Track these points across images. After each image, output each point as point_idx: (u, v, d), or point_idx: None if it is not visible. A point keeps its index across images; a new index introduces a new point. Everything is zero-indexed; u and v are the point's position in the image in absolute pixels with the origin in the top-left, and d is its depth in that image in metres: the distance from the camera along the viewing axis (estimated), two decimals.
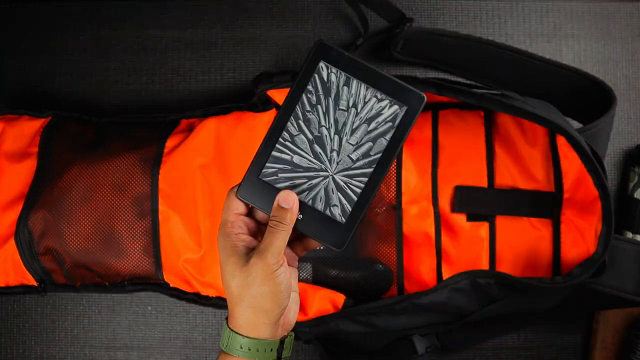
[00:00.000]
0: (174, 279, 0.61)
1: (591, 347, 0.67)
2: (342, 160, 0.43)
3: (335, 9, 0.72)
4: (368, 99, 0.42)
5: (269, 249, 0.41)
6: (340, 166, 0.43)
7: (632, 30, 0.71)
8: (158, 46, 0.72)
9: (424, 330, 0.63)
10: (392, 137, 0.42)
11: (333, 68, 0.42)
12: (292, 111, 0.43)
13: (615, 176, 0.70)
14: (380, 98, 0.42)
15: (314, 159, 0.43)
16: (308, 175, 0.43)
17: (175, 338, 0.69)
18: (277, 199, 0.42)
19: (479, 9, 0.72)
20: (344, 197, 0.43)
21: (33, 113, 0.65)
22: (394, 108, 0.42)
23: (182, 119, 0.65)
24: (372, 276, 0.60)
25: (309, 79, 0.43)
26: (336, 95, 0.42)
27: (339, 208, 0.43)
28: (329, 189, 0.43)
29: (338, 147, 0.43)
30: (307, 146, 0.43)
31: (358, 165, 0.42)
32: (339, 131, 0.42)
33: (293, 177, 0.43)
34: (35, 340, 0.70)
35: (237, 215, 0.44)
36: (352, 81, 0.42)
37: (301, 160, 0.43)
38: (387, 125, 0.42)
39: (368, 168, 0.42)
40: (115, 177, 0.60)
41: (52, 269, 0.61)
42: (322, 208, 0.43)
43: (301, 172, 0.43)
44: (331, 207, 0.43)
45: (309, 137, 0.43)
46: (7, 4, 0.73)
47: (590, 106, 0.63)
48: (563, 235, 0.59)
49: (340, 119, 0.42)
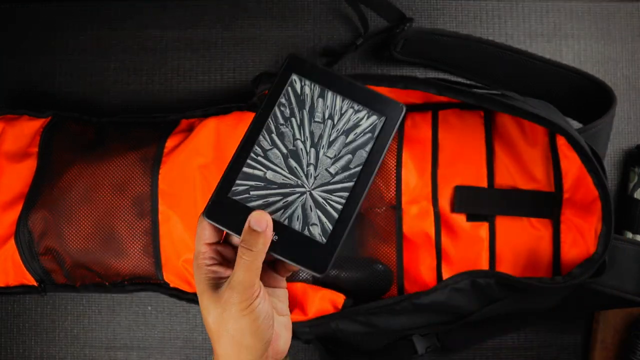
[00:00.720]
0: (174, 279, 0.61)
1: (591, 347, 0.67)
2: (320, 174, 0.40)
3: (335, 9, 0.72)
4: (345, 110, 0.41)
5: (240, 282, 0.37)
6: (318, 181, 0.40)
7: (632, 30, 0.71)
8: (158, 46, 0.72)
9: (424, 330, 0.63)
10: (372, 149, 0.40)
11: (306, 80, 0.41)
12: (264, 125, 0.40)
13: (615, 176, 0.70)
14: (358, 109, 0.41)
15: (290, 174, 0.40)
16: (283, 192, 0.40)
17: (175, 338, 0.70)
18: (248, 221, 0.38)
19: (479, 9, 0.72)
20: (324, 214, 0.39)
21: (33, 113, 0.65)
22: (373, 119, 0.41)
23: (182, 119, 0.65)
24: (372, 276, 0.60)
25: (282, 92, 0.41)
26: (311, 108, 0.41)
27: (319, 227, 0.39)
28: (306, 207, 0.40)
29: (315, 160, 0.40)
30: (282, 161, 0.40)
31: (337, 179, 0.40)
32: (315, 144, 0.40)
33: (267, 194, 0.40)
34: (35, 340, 0.70)
35: (208, 246, 0.40)
36: (327, 93, 0.41)
37: (275, 176, 0.40)
38: (366, 137, 0.40)
39: (348, 182, 0.40)
40: (115, 177, 0.60)
41: (52, 269, 0.61)
42: (300, 228, 0.39)
43: (275, 188, 0.40)
44: (310, 227, 0.39)
45: (283, 151, 0.40)
46: (7, 4, 0.73)
47: (590, 106, 0.63)
48: (563, 235, 0.59)
49: (316, 132, 0.40)
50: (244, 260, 0.37)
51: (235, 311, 0.38)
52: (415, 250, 0.60)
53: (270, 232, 0.38)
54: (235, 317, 0.38)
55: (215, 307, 0.38)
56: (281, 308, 0.43)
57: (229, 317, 0.38)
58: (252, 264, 0.37)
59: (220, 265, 0.40)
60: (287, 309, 0.43)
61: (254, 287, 0.38)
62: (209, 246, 0.40)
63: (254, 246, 0.37)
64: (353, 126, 0.41)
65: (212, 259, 0.40)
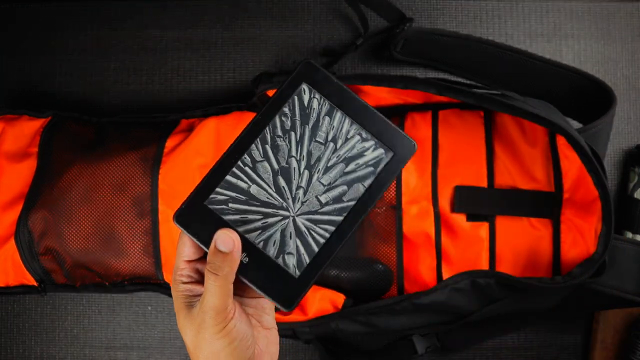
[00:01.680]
0: None
1: (591, 347, 0.67)
2: (308, 200, 0.36)
3: (335, 9, 0.72)
4: (351, 135, 0.37)
5: (211, 307, 0.35)
6: (305, 207, 0.36)
7: (632, 30, 0.71)
8: (158, 46, 0.72)
9: (424, 330, 0.63)
10: (371, 185, 0.36)
11: (317, 93, 0.37)
12: (260, 133, 0.37)
13: (615, 176, 0.70)
14: (365, 137, 0.37)
15: (276, 193, 0.36)
16: (265, 212, 0.36)
17: (175, 338, 0.69)
18: (213, 240, 0.35)
19: (479, 9, 0.72)
20: (303, 245, 0.36)
21: (33, 113, 0.65)
22: (379, 152, 0.37)
23: (182, 119, 0.65)
24: (372, 276, 0.60)
25: (287, 100, 0.37)
26: (315, 125, 0.37)
27: (295, 258, 0.36)
28: (286, 233, 0.36)
29: (306, 184, 0.37)
30: (270, 177, 0.37)
31: (326, 210, 0.36)
32: (310, 166, 0.37)
33: (246, 210, 0.36)
34: (35, 340, 0.70)
35: (187, 263, 0.37)
36: (336, 112, 0.37)
37: (259, 192, 0.36)
38: (367, 170, 0.37)
39: (337, 216, 0.36)
40: (115, 177, 0.60)
41: (52, 269, 0.61)
42: (275, 254, 0.36)
43: (257, 206, 0.36)
44: (285, 255, 0.36)
45: (275, 166, 0.37)
46: (7, 4, 0.73)
47: (590, 106, 0.63)
48: (563, 235, 0.59)
49: (314, 153, 0.37)
50: (212, 284, 0.35)
51: (210, 334, 0.35)
52: (415, 250, 0.60)
53: (237, 255, 0.35)
54: (209, 340, 0.36)
55: (191, 328, 0.36)
56: (266, 321, 0.40)
57: (202, 339, 0.36)
58: (221, 289, 0.35)
59: (197, 284, 0.37)
60: (273, 322, 0.40)
61: (227, 310, 0.35)
62: (188, 263, 0.37)
63: (220, 270, 0.35)
64: (356, 155, 0.37)
65: (189, 277, 0.37)
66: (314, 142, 0.37)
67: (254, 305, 0.40)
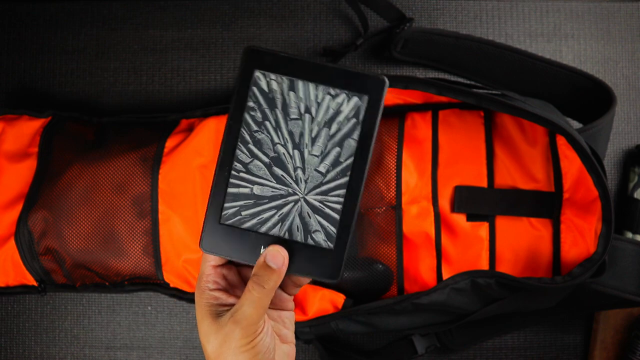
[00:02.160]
0: (174, 279, 0.61)
1: (591, 347, 0.67)
2: (310, 176, 0.37)
3: (335, 9, 0.72)
4: (321, 98, 0.36)
5: (246, 317, 0.35)
6: (310, 184, 0.37)
7: (632, 30, 0.71)
8: (158, 46, 0.72)
9: (424, 330, 0.63)
10: (360, 135, 0.36)
11: (271, 75, 0.36)
12: (238, 136, 0.37)
13: (615, 176, 0.70)
14: (335, 94, 0.36)
15: (278, 184, 0.37)
16: (276, 205, 0.37)
17: (175, 338, 0.70)
18: (263, 255, 0.36)
19: (479, 9, 0.72)
20: (324, 218, 0.36)
21: (33, 113, 0.65)
22: (354, 101, 0.36)
23: (182, 119, 0.65)
24: (372, 276, 0.60)
25: (247, 94, 0.36)
26: (283, 105, 0.36)
27: (322, 233, 0.37)
28: (304, 214, 0.37)
29: (302, 163, 0.37)
30: (266, 171, 0.37)
31: (330, 177, 0.36)
32: (297, 145, 0.36)
33: (259, 211, 0.37)
34: (35, 340, 0.70)
35: (213, 268, 0.38)
36: (297, 83, 0.36)
37: (263, 190, 0.37)
38: (351, 123, 0.36)
39: (343, 177, 0.36)
40: (115, 177, 0.60)
41: (52, 269, 0.61)
42: (302, 238, 0.37)
43: (267, 203, 0.37)
44: (312, 234, 0.37)
45: (265, 160, 0.37)
46: (7, 4, 0.73)
47: (590, 106, 0.63)
48: (563, 235, 0.59)
49: (295, 131, 0.36)
50: (253, 295, 0.35)
51: (236, 346, 0.35)
52: (415, 250, 0.60)
53: (284, 269, 0.36)
54: (234, 353, 0.36)
55: (216, 337, 0.36)
56: (285, 335, 0.40)
57: (227, 349, 0.36)
58: (261, 301, 0.35)
59: (223, 292, 0.38)
60: (292, 336, 0.40)
61: (259, 324, 0.36)
62: (215, 268, 0.38)
63: (266, 283, 0.35)
64: (334, 114, 0.36)
65: (216, 283, 0.38)
66: (290, 121, 0.37)
67: (275, 317, 0.40)
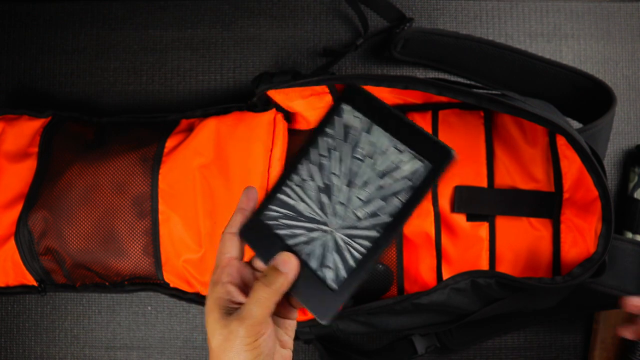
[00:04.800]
0: (174, 279, 0.61)
1: (591, 347, 0.67)
2: (346, 215, 0.37)
3: (335, 9, 0.72)
4: (387, 149, 0.37)
5: (251, 317, 0.36)
6: (343, 222, 0.37)
7: (632, 30, 0.71)
8: (158, 46, 0.72)
9: (423, 330, 0.63)
10: (408, 199, 0.36)
11: (357, 112, 0.38)
12: (307, 154, 0.39)
13: (615, 176, 0.70)
14: (401, 150, 0.37)
15: (319, 209, 0.38)
16: (309, 227, 0.38)
17: (175, 338, 0.70)
18: (275, 259, 0.38)
19: (479, 9, 0.72)
20: (341, 260, 0.37)
21: (33, 113, 0.65)
22: (416, 164, 0.36)
23: (182, 119, 0.65)
24: (372, 276, 0.60)
25: (331, 121, 0.39)
26: (354, 142, 0.38)
27: (333, 272, 0.37)
28: (326, 247, 0.38)
29: (346, 200, 0.38)
30: (315, 194, 0.39)
31: (363, 225, 0.37)
32: (350, 182, 0.38)
33: (294, 225, 0.39)
34: (35, 340, 0.70)
35: (230, 260, 0.39)
36: (374, 127, 0.37)
37: (305, 209, 0.39)
38: (404, 183, 0.36)
39: (373, 231, 0.37)
40: (115, 177, 0.60)
41: (52, 269, 0.61)
42: (316, 267, 0.38)
43: (303, 221, 0.38)
44: (324, 269, 0.37)
45: (319, 184, 0.39)
46: (7, 4, 0.73)
47: (590, 106, 0.63)
48: (563, 235, 0.59)
49: (354, 169, 0.38)
50: (260, 295, 0.37)
51: (239, 344, 0.37)
52: (415, 250, 0.60)
53: (292, 276, 0.37)
54: (237, 350, 0.37)
55: (221, 332, 0.37)
56: (286, 341, 0.41)
57: (231, 347, 0.37)
58: (267, 301, 0.37)
59: (236, 287, 0.39)
60: (291, 342, 0.41)
61: (263, 324, 0.37)
62: (230, 260, 0.39)
63: (272, 284, 0.37)
64: (392, 169, 0.37)
65: (231, 276, 0.39)
66: (353, 159, 0.38)
67: (279, 324, 0.41)
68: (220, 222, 0.58)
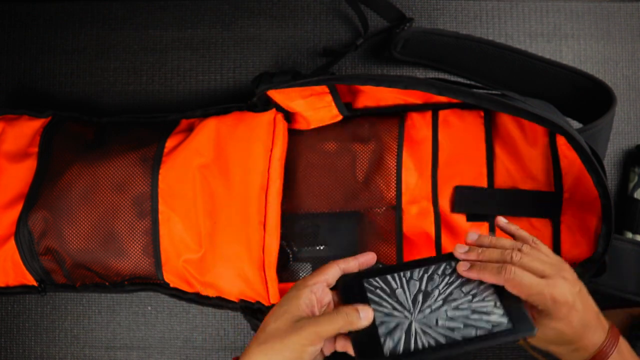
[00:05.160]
0: (174, 279, 0.61)
1: None
2: (429, 317, 0.44)
3: (335, 9, 0.72)
4: (488, 299, 0.44)
5: (320, 327, 0.42)
6: (423, 319, 0.44)
7: (632, 30, 0.71)
8: (158, 46, 0.72)
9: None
10: (480, 336, 0.43)
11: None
12: (428, 266, 0.47)
13: (615, 176, 0.70)
14: (498, 306, 0.44)
15: (411, 301, 0.45)
16: (395, 306, 0.45)
17: (175, 338, 0.70)
18: (359, 307, 0.44)
19: (479, 9, 0.72)
20: (405, 340, 0.43)
21: (33, 113, 0.65)
22: (503, 320, 0.43)
23: (182, 119, 0.65)
24: None
25: (456, 260, 0.47)
26: (465, 282, 0.46)
27: (393, 344, 0.43)
28: (400, 325, 0.44)
29: (436, 309, 0.44)
30: (415, 291, 0.46)
31: (438, 330, 0.43)
32: (446, 301, 0.45)
33: (385, 299, 0.45)
34: (35, 340, 0.70)
35: (326, 281, 0.45)
36: (487, 285, 0.45)
37: (401, 294, 0.45)
38: (485, 324, 0.43)
39: (443, 338, 0.43)
40: (115, 177, 0.60)
41: (52, 269, 0.61)
42: (382, 333, 0.44)
43: (393, 301, 0.45)
44: (387, 338, 0.43)
45: (422, 288, 0.46)
46: (7, 4, 0.73)
47: (590, 106, 0.63)
48: (563, 235, 0.59)
49: (454, 296, 0.45)
50: (335, 319, 0.42)
51: (294, 341, 0.42)
52: (416, 250, 0.60)
53: (364, 323, 0.43)
54: (288, 344, 0.42)
55: (285, 322, 0.42)
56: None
57: (285, 337, 0.42)
58: (336, 326, 0.42)
59: (311, 305, 0.44)
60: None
61: (320, 341, 0.42)
62: (324, 282, 0.45)
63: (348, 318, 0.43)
64: (484, 312, 0.44)
65: (317, 291, 0.44)
66: (458, 289, 0.45)
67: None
68: (220, 222, 0.58)
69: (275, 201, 0.58)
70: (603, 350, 0.45)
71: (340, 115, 0.62)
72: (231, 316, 0.69)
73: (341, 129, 0.63)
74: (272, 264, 0.58)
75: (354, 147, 0.62)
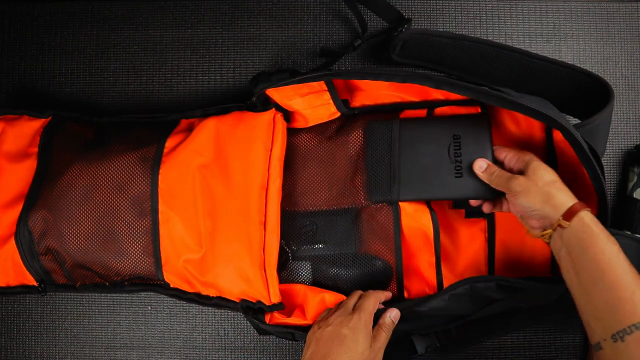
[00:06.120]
0: (174, 279, 0.61)
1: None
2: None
3: (335, 9, 0.72)
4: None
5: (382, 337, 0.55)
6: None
7: (631, 30, 0.72)
8: (158, 46, 0.72)
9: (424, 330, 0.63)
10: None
11: None
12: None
13: (614, 176, 0.70)
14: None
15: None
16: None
17: (175, 338, 0.70)
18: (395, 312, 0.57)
19: (479, 9, 0.72)
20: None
21: (33, 113, 0.65)
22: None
23: (182, 119, 0.65)
24: (371, 273, 0.60)
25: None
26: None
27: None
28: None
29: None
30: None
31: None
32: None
33: None
34: (35, 340, 0.70)
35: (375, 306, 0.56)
36: None
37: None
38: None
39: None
40: (115, 177, 0.60)
41: (52, 269, 0.61)
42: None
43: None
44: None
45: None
46: (7, 4, 0.73)
47: (589, 103, 0.63)
48: None
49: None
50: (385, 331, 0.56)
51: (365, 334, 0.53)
52: (414, 247, 0.60)
53: (388, 324, 0.56)
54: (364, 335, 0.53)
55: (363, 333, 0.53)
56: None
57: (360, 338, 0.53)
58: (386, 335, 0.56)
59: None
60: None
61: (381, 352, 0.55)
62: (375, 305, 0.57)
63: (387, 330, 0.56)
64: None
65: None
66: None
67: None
68: (220, 222, 0.58)
69: (275, 200, 0.58)
70: (573, 207, 0.50)
71: (338, 113, 0.62)
72: (231, 316, 0.69)
73: (339, 127, 0.63)
74: (273, 263, 0.58)
75: (350, 144, 0.62)
